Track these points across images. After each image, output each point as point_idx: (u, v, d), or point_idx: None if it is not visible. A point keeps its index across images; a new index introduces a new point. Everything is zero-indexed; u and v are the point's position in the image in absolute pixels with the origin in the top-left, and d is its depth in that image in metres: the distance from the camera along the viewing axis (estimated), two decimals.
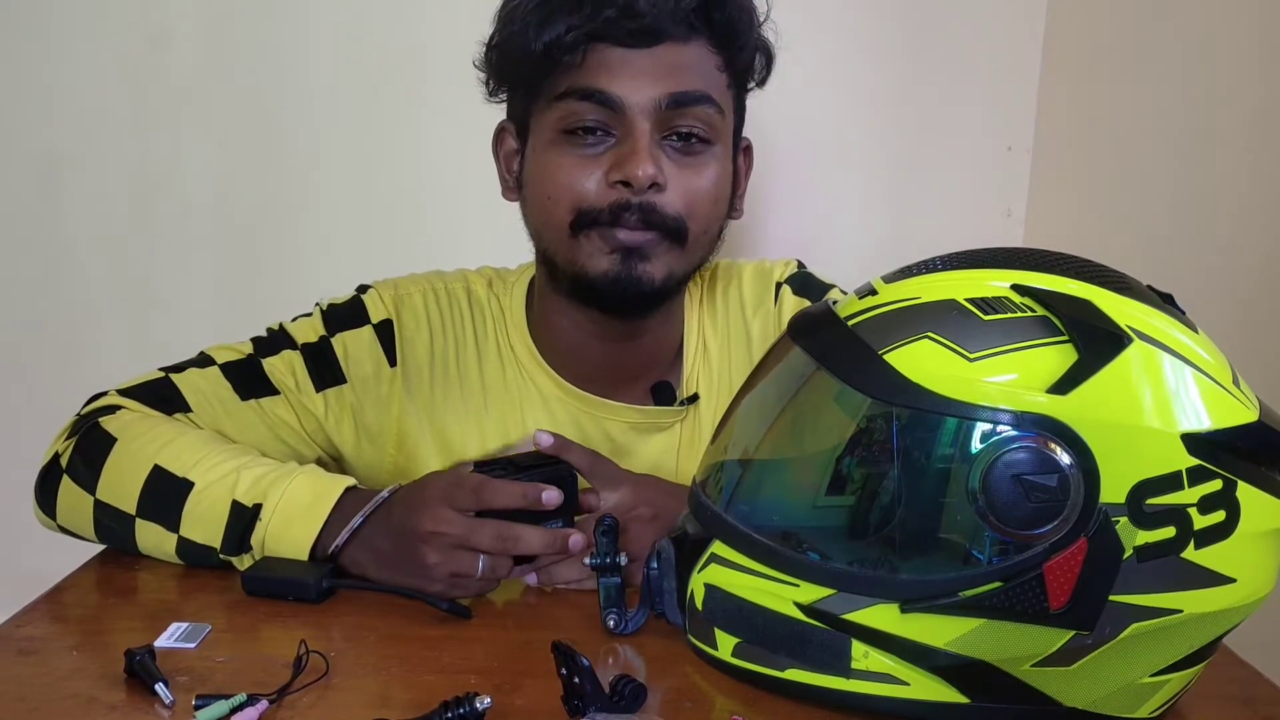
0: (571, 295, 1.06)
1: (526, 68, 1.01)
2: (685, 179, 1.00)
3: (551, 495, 0.90)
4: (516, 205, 1.08)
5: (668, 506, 0.93)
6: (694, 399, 1.12)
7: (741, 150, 1.10)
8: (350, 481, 0.97)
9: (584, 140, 1.00)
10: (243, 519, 0.95)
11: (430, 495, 0.91)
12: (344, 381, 1.09)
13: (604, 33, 0.97)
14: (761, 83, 1.08)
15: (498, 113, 1.09)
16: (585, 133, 0.99)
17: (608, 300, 1.03)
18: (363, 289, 1.13)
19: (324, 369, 1.09)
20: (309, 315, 1.12)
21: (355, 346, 1.09)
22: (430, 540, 0.89)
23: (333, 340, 1.09)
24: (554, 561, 0.95)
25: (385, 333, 1.10)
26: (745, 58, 1.04)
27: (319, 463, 1.09)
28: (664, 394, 1.11)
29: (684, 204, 1.00)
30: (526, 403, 1.11)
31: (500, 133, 1.10)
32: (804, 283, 1.16)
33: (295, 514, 0.95)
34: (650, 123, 0.99)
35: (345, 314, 1.11)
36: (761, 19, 1.05)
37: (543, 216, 1.04)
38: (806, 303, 1.13)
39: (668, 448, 1.11)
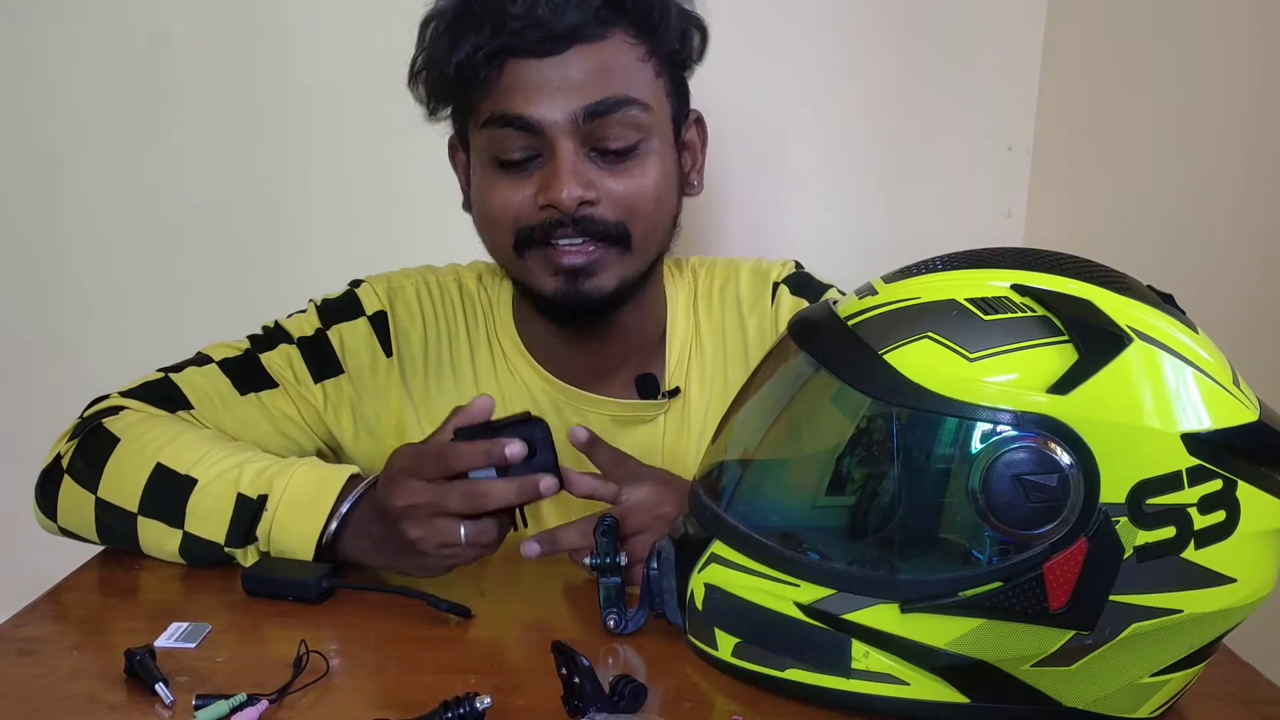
0: (533, 305, 1.07)
1: (447, 90, 1.02)
2: (620, 184, 1.00)
3: (515, 449, 0.88)
4: None
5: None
6: (675, 392, 1.12)
7: (692, 124, 1.09)
8: (353, 469, 0.98)
9: (515, 166, 1.00)
10: (248, 510, 0.95)
11: (396, 469, 0.91)
12: (342, 372, 1.10)
13: (512, 46, 0.96)
14: (699, 58, 1.06)
15: None
16: (516, 159, 1.00)
17: (563, 315, 1.05)
18: (355, 283, 1.15)
19: (322, 360, 1.09)
20: (304, 311, 1.13)
21: (351, 338, 1.10)
22: (406, 515, 0.89)
23: (329, 332, 1.10)
24: (555, 527, 0.94)
25: (380, 324, 1.11)
26: (669, 41, 1.02)
27: (319, 455, 1.10)
28: (648, 386, 1.11)
29: (622, 210, 1.00)
30: (514, 396, 1.11)
31: (452, 148, 1.11)
32: (802, 283, 1.16)
33: (301, 503, 0.95)
34: (573, 139, 0.98)
35: (340, 307, 1.12)
36: None
37: (488, 238, 1.06)
38: (804, 302, 1.13)
39: (651, 440, 1.11)
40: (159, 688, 0.75)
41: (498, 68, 0.98)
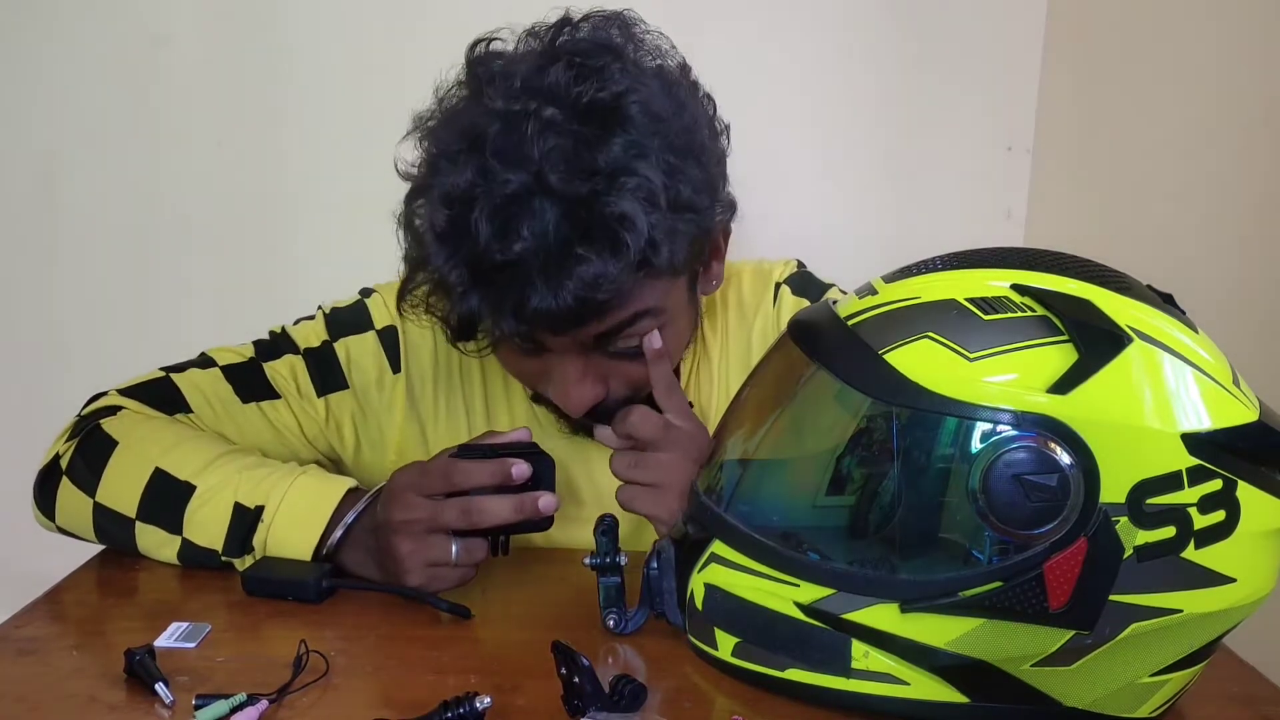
0: None
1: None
2: (632, 372, 0.96)
3: (521, 468, 0.89)
4: None
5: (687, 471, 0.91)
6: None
7: (719, 235, 1.02)
8: (351, 483, 0.97)
9: (525, 347, 0.95)
10: (245, 521, 0.95)
11: (399, 484, 0.91)
12: (346, 387, 1.09)
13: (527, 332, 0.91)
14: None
15: None
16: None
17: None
18: (366, 293, 1.13)
19: (326, 374, 1.08)
20: (311, 318, 1.12)
21: (359, 352, 1.09)
22: (401, 529, 0.89)
23: (335, 345, 1.09)
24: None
25: (389, 339, 1.10)
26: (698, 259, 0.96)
27: (318, 465, 1.09)
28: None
29: (632, 389, 0.98)
30: (525, 413, 1.10)
31: None
32: (803, 282, 1.15)
33: (297, 516, 0.95)
34: (580, 354, 0.94)
35: (348, 319, 1.11)
36: (702, 213, 0.92)
37: None
38: (805, 302, 1.12)
39: None
40: (159, 688, 0.75)
41: None
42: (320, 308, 1.13)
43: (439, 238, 0.89)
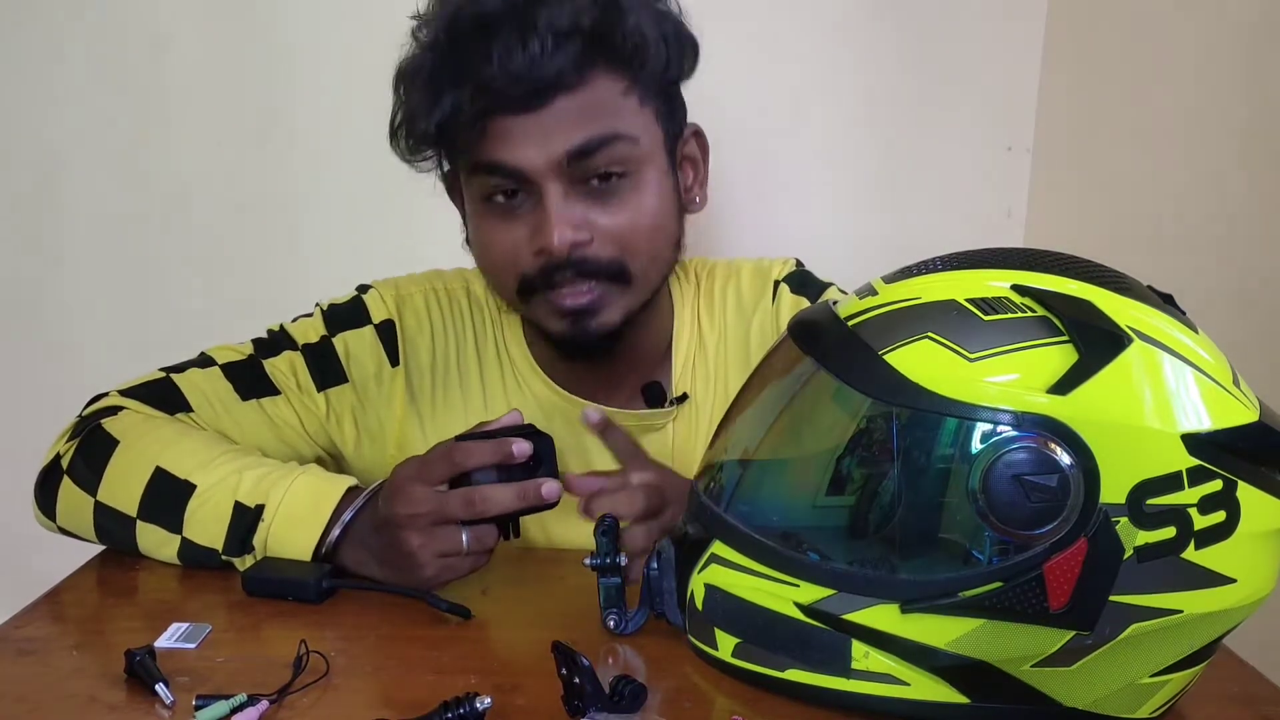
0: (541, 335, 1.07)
1: (431, 145, 1.00)
2: (613, 219, 0.99)
3: (522, 446, 0.89)
4: None
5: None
6: (683, 399, 1.11)
7: (690, 138, 1.07)
8: (351, 481, 0.98)
9: (506, 206, 0.99)
10: (245, 520, 0.95)
11: (401, 478, 0.91)
12: (345, 381, 1.09)
13: (493, 105, 0.94)
14: (689, 74, 1.04)
15: None
16: (505, 197, 0.99)
17: (570, 350, 1.05)
18: (363, 289, 1.14)
19: (326, 369, 1.09)
20: (309, 316, 1.13)
21: (357, 346, 1.10)
22: (408, 524, 0.89)
23: (334, 340, 1.09)
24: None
25: (387, 333, 1.10)
26: (654, 69, 0.99)
27: (319, 462, 1.09)
28: (654, 395, 1.11)
29: (617, 246, 0.99)
30: (522, 408, 1.10)
31: (448, 185, 1.09)
32: (802, 281, 1.15)
33: (297, 515, 0.95)
34: (559, 182, 0.96)
35: (346, 314, 1.11)
36: (662, 11, 1.00)
37: (491, 283, 1.07)
38: (804, 300, 1.13)
39: (662, 447, 1.11)
40: (159, 688, 0.75)
41: (480, 124, 0.96)
42: (318, 304, 1.13)
43: (422, 23, 1.00)
